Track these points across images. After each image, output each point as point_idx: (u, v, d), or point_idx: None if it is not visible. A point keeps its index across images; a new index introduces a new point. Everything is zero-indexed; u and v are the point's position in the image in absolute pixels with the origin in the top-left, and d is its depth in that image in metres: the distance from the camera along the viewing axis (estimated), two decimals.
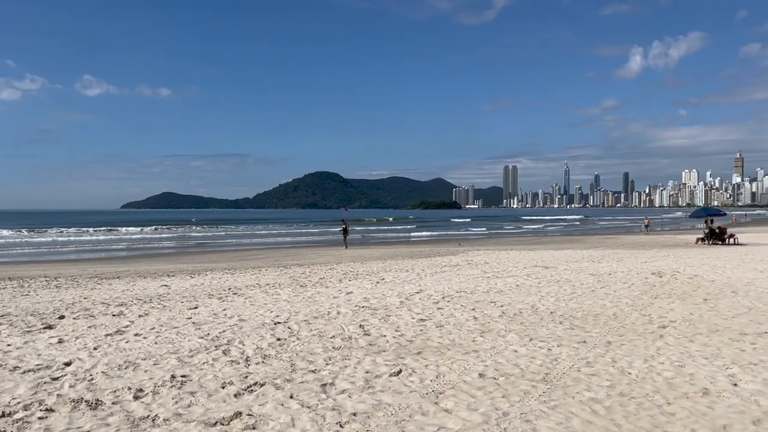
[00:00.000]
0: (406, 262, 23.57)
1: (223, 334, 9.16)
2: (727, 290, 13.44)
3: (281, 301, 12.59)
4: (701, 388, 6.26)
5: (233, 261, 28.16)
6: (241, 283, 16.76)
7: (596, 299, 12.30)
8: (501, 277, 16.29)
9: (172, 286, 16.30)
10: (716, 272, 17.16)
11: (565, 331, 9.24)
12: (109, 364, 7.42)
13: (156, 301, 13.26)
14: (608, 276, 16.46)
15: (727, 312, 10.78)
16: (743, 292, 13.22)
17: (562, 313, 10.72)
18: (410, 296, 12.89)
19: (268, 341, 8.58)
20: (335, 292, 13.99)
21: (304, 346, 8.29)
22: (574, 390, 6.23)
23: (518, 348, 8.09)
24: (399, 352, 7.93)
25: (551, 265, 20.20)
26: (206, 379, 6.74)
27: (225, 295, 13.88)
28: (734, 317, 10.28)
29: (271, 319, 10.35)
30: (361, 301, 12.28)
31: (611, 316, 10.48)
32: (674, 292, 13.20)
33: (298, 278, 17.59)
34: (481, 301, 12.10)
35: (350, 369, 7.09)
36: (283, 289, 14.76)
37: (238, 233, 70.70)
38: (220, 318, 10.64)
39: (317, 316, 10.58)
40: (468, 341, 8.52)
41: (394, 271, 19.19)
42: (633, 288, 13.99)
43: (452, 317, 10.40)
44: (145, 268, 24.49)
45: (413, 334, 8.98)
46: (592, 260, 22.58)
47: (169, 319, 10.62)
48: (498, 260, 23.14)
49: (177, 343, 8.60)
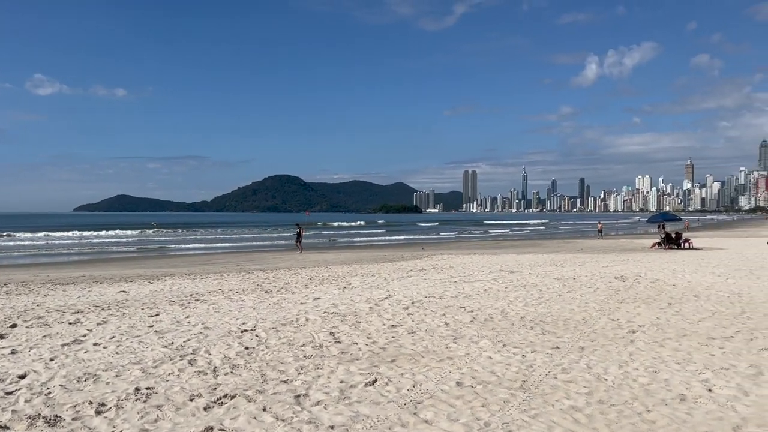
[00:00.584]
0: (372, 266, 23.39)
1: (188, 343, 8.82)
2: (689, 294, 13.68)
3: (246, 308, 12.26)
4: (678, 395, 6.25)
5: (193, 266, 27.50)
6: (203, 288, 16.32)
7: (564, 304, 12.34)
8: (468, 282, 16.26)
9: (131, 292, 15.76)
10: (677, 276, 17.49)
11: (537, 336, 9.20)
12: (67, 376, 7.01)
13: (114, 308, 12.76)
14: (573, 280, 16.61)
15: (692, 316, 10.94)
16: (705, 296, 13.47)
17: (532, 318, 10.70)
18: (379, 302, 12.72)
19: (235, 350, 8.29)
20: (302, 297, 13.72)
21: (273, 355, 8.03)
22: (553, 398, 6.14)
23: (492, 354, 8.00)
24: (372, 360, 7.74)
25: (516, 269, 20.31)
26: (173, 391, 6.42)
27: (187, 302, 13.46)
28: (700, 321, 10.43)
29: (237, 327, 10.04)
30: (330, 307, 12.05)
31: (581, 320, 10.51)
32: (639, 297, 13.36)
33: (262, 283, 17.23)
34: (451, 306, 12.01)
35: (324, 379, 6.87)
36: (247, 295, 14.40)
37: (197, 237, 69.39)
38: (184, 326, 10.26)
39: (285, 323, 10.31)
40: (441, 348, 8.39)
41: (361, 275, 18.99)
42: (598, 292, 14.11)
43: (423, 323, 10.27)
44: (101, 273, 23.69)
45: (385, 341, 8.81)
46: (555, 264, 22.82)
47: (130, 328, 10.20)
48: (463, 265, 23.17)
49: (139, 352, 8.22)
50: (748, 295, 13.44)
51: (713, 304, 12.33)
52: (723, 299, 12.94)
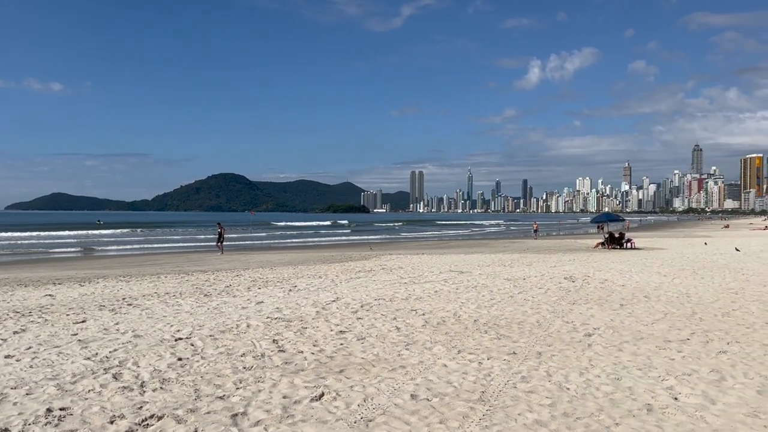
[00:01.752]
0: (318, 267, 22.69)
1: (115, 353, 7.98)
2: (639, 295, 13.60)
3: (183, 313, 11.41)
4: (644, 404, 5.90)
5: (129, 267, 26.14)
6: (137, 292, 15.30)
7: (516, 306, 12.02)
8: (418, 283, 15.80)
9: (58, 296, 14.61)
10: (624, 277, 17.52)
11: (492, 341, 8.79)
12: None
13: (36, 313, 11.70)
14: (523, 281, 16.38)
15: (645, 318, 10.77)
16: (655, 296, 13.41)
17: (486, 321, 10.30)
18: (327, 305, 12.08)
19: (167, 361, 7.52)
20: (244, 301, 12.93)
21: (209, 366, 7.31)
22: (515, 411, 5.69)
23: (447, 362, 7.51)
24: (319, 371, 7.13)
25: (466, 269, 20.01)
26: (91, 411, 5.65)
27: (118, 306, 12.49)
28: (654, 323, 10.25)
29: (171, 335, 9.23)
30: (274, 312, 11.33)
31: (535, 323, 10.17)
32: (590, 298, 13.19)
33: (201, 286, 16.31)
34: (402, 309, 11.50)
35: (265, 394, 6.22)
36: (184, 299, 13.51)
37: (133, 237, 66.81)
38: (112, 334, 9.38)
39: (224, 330, 9.56)
40: (393, 355, 7.85)
41: (307, 277, 18.27)
42: (549, 293, 13.88)
43: (373, 328, 9.71)
44: (28, 275, 22.15)
45: (333, 349, 8.20)
46: (504, 264, 22.67)
47: (51, 336, 9.25)
48: (412, 265, 22.75)
49: (57, 366, 7.35)
50: (696, 296, 13.46)
51: (664, 304, 12.25)
52: (673, 300, 12.90)
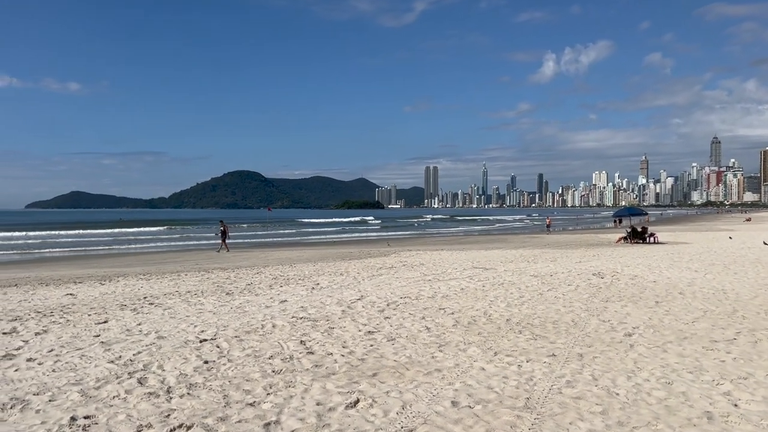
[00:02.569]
0: (339, 264, 22.39)
1: (139, 356, 7.73)
2: (673, 291, 13.14)
3: (206, 313, 11.16)
4: (703, 412, 5.51)
5: (149, 265, 26.06)
6: (159, 290, 15.10)
7: (548, 304, 11.62)
8: (443, 280, 15.44)
9: (79, 295, 14.45)
10: (654, 272, 17.02)
11: (528, 342, 8.42)
12: None
13: (58, 313, 11.51)
14: (550, 277, 15.96)
15: (684, 316, 10.33)
16: (690, 293, 12.94)
17: (518, 321, 9.92)
18: (352, 304, 11.77)
19: (193, 365, 7.25)
20: (267, 300, 12.66)
21: (237, 370, 7.02)
22: (565, 419, 5.33)
23: (485, 365, 7.16)
24: (351, 374, 6.81)
25: (489, 266, 19.61)
26: (117, 420, 5.38)
27: (140, 306, 12.28)
28: (694, 322, 9.82)
29: (195, 336, 8.96)
30: (298, 311, 11.04)
31: (570, 323, 9.78)
32: (623, 295, 12.75)
33: (222, 284, 16.08)
34: (430, 308, 11.15)
35: (297, 400, 5.91)
36: (207, 298, 13.27)
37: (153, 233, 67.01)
38: (135, 335, 9.14)
39: (249, 331, 9.28)
40: (427, 358, 7.51)
41: (328, 274, 17.97)
42: (580, 290, 13.46)
43: (402, 328, 9.38)
44: (49, 273, 22.11)
45: (363, 351, 7.88)
46: (527, 260, 22.22)
47: (73, 338, 9.03)
48: (433, 262, 22.38)
49: (81, 369, 7.11)
50: (733, 292, 12.97)
51: (701, 302, 11.78)
52: (709, 297, 12.42)
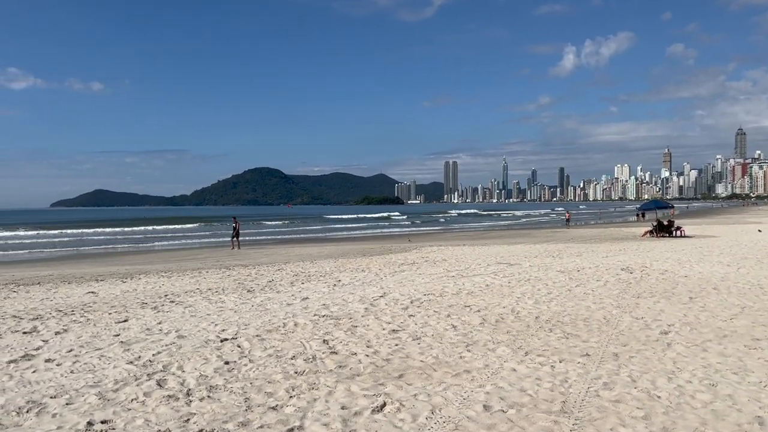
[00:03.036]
0: (360, 260, 22.16)
1: (158, 357, 7.54)
2: (707, 287, 12.68)
3: (227, 311, 10.98)
4: (753, 417, 5.16)
5: (170, 262, 26.07)
6: (180, 288, 14.99)
7: (577, 300, 11.26)
8: (467, 277, 15.12)
9: (100, 293, 14.39)
10: (684, 267, 16.53)
11: (559, 340, 8.09)
12: (5, 406, 5.72)
13: (79, 312, 11.42)
14: (578, 273, 15.55)
15: (721, 312, 9.91)
16: (724, 288, 12.48)
17: (548, 318, 9.58)
18: (374, 301, 11.51)
19: (213, 365, 7.04)
20: (288, 297, 12.46)
21: (259, 371, 6.80)
22: (605, 425, 5.01)
23: (516, 366, 6.85)
24: (376, 375, 6.55)
25: (514, 261, 19.23)
26: (134, 425, 5.18)
27: (161, 304, 12.15)
28: (732, 319, 9.40)
29: (216, 335, 8.77)
30: (320, 309, 10.81)
31: (602, 320, 9.42)
32: (654, 290, 12.33)
33: (243, 281, 15.93)
34: (455, 306, 10.85)
35: (321, 403, 5.67)
36: (228, 295, 13.11)
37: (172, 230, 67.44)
38: (155, 334, 8.97)
39: (271, 330, 9.07)
40: (455, 358, 7.23)
41: (350, 271, 17.74)
42: (609, 286, 13.06)
43: (428, 326, 9.10)
44: (72, 271, 22.20)
45: (388, 351, 7.62)
46: (552, 255, 21.79)
47: (92, 337, 8.89)
48: (456, 257, 22.04)
49: (99, 371, 6.94)
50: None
51: (737, 297, 11.33)
52: (745, 292, 11.96)
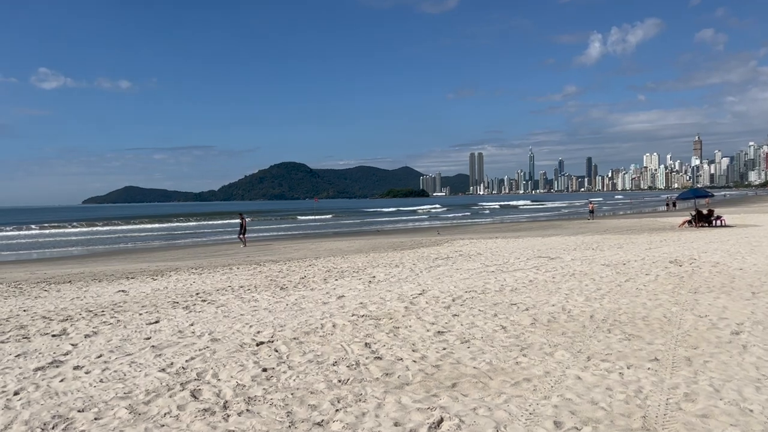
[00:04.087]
0: (392, 254, 21.61)
1: (192, 363, 7.08)
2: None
3: (261, 310, 10.52)
4: None
5: (200, 258, 25.85)
6: (211, 285, 14.61)
7: (631, 297, 10.55)
8: (507, 272, 14.45)
9: (131, 292, 14.09)
10: (736, 259, 15.64)
11: (621, 343, 7.43)
12: (29, 422, 5.30)
13: (109, 313, 11.08)
14: (624, 266, 14.79)
15: None
16: None
17: (603, 317, 8.92)
18: (414, 299, 10.94)
19: (251, 373, 6.56)
20: (323, 295, 11.96)
21: (299, 379, 6.29)
22: None
23: (580, 373, 6.23)
24: (428, 385, 5.99)
25: (554, 255, 18.49)
26: None
27: (192, 303, 11.75)
28: None
29: (251, 338, 8.29)
30: (358, 308, 10.28)
31: (663, 319, 8.73)
32: (711, 285, 11.56)
33: (275, 278, 15.50)
34: (500, 304, 10.23)
35: (370, 418, 5.13)
36: (260, 293, 12.67)
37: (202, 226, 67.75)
38: (187, 337, 8.53)
39: (308, 331, 8.56)
40: (510, 364, 6.63)
41: (383, 266, 17.20)
42: (661, 280, 12.31)
43: (475, 327, 8.51)
44: (103, 268, 22.07)
45: (437, 356, 7.05)
46: (591, 248, 20.97)
47: (123, 341, 8.49)
48: (491, 250, 21.36)
49: (130, 379, 6.50)
50: None
51: None
52: None
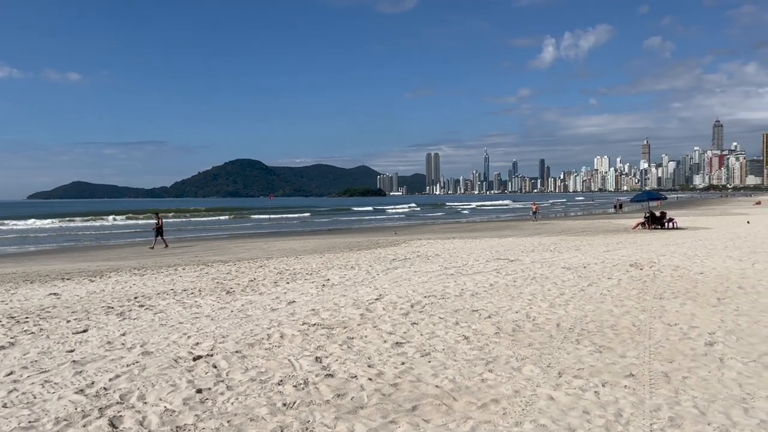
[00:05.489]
0: (348, 255, 20.86)
1: (115, 382, 6.21)
2: (731, 286, 11.62)
3: (202, 318, 9.64)
4: None
5: (145, 257, 24.56)
6: (152, 288, 13.60)
7: (596, 303, 10.11)
8: (467, 274, 13.90)
9: (63, 295, 12.98)
10: (695, 262, 15.49)
11: (592, 355, 6.91)
12: None
13: (33, 319, 10.03)
14: (584, 269, 14.43)
15: (760, 317, 8.84)
16: (749, 287, 11.44)
17: (570, 326, 8.41)
18: (370, 305, 10.23)
19: (183, 395, 5.74)
20: (272, 300, 11.14)
21: (238, 402, 5.52)
22: None
23: (552, 392, 5.65)
24: (384, 408, 5.31)
25: (513, 256, 18.07)
26: None
27: (128, 309, 10.79)
28: None
29: (188, 351, 7.45)
30: (309, 315, 9.51)
31: (632, 328, 8.27)
32: (675, 290, 11.24)
33: (222, 281, 14.57)
34: (461, 310, 9.63)
35: None
36: (204, 298, 11.76)
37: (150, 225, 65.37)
38: (116, 350, 7.62)
39: (253, 343, 7.77)
40: (476, 381, 6.01)
41: (338, 268, 16.44)
42: (624, 285, 11.95)
43: (436, 337, 7.87)
44: (39, 268, 20.63)
45: (395, 371, 6.37)
46: (549, 249, 20.69)
47: (41, 354, 7.53)
48: (449, 251, 20.85)
49: (39, 404, 5.60)
50: None
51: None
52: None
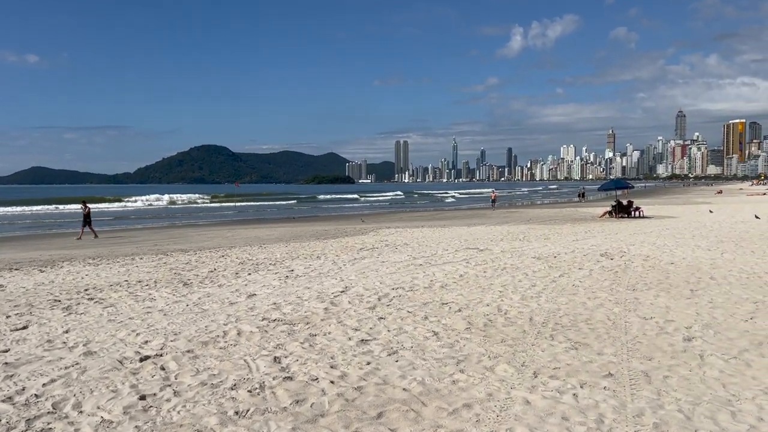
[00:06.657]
0: (314, 244, 20.29)
1: (50, 387, 5.60)
2: (703, 276, 11.46)
3: (155, 313, 9.02)
4: None
5: (102, 246, 23.57)
6: (105, 279, 12.87)
7: (568, 295, 9.79)
8: (436, 265, 13.49)
9: (8, 287, 12.16)
10: (665, 252, 15.37)
11: (568, 353, 6.55)
12: None
13: None
14: (555, 259, 14.17)
15: (735, 309, 8.63)
16: (721, 278, 11.29)
17: (544, 320, 8.06)
18: (335, 298, 9.73)
19: (124, 402, 5.18)
20: (231, 293, 10.55)
21: (185, 411, 4.98)
22: None
23: (527, 394, 5.26)
24: (347, 416, 4.84)
25: (482, 246, 17.74)
26: None
27: (76, 302, 10.08)
28: (753, 318, 8.11)
29: (135, 350, 6.86)
30: (270, 309, 8.96)
31: (607, 322, 7.96)
32: (647, 281, 11.02)
33: (180, 271, 13.89)
34: (431, 303, 9.21)
35: None
36: (159, 290, 11.11)
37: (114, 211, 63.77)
38: (56, 349, 6.99)
39: (207, 341, 7.21)
40: (446, 383, 5.58)
41: (303, 258, 15.87)
42: (595, 276, 11.70)
43: (403, 333, 7.43)
44: None
45: (359, 373, 5.90)
46: (518, 239, 20.46)
47: None
48: (418, 241, 20.45)
49: None
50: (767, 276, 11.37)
51: (741, 289, 10.13)
52: (746, 282, 10.79)
